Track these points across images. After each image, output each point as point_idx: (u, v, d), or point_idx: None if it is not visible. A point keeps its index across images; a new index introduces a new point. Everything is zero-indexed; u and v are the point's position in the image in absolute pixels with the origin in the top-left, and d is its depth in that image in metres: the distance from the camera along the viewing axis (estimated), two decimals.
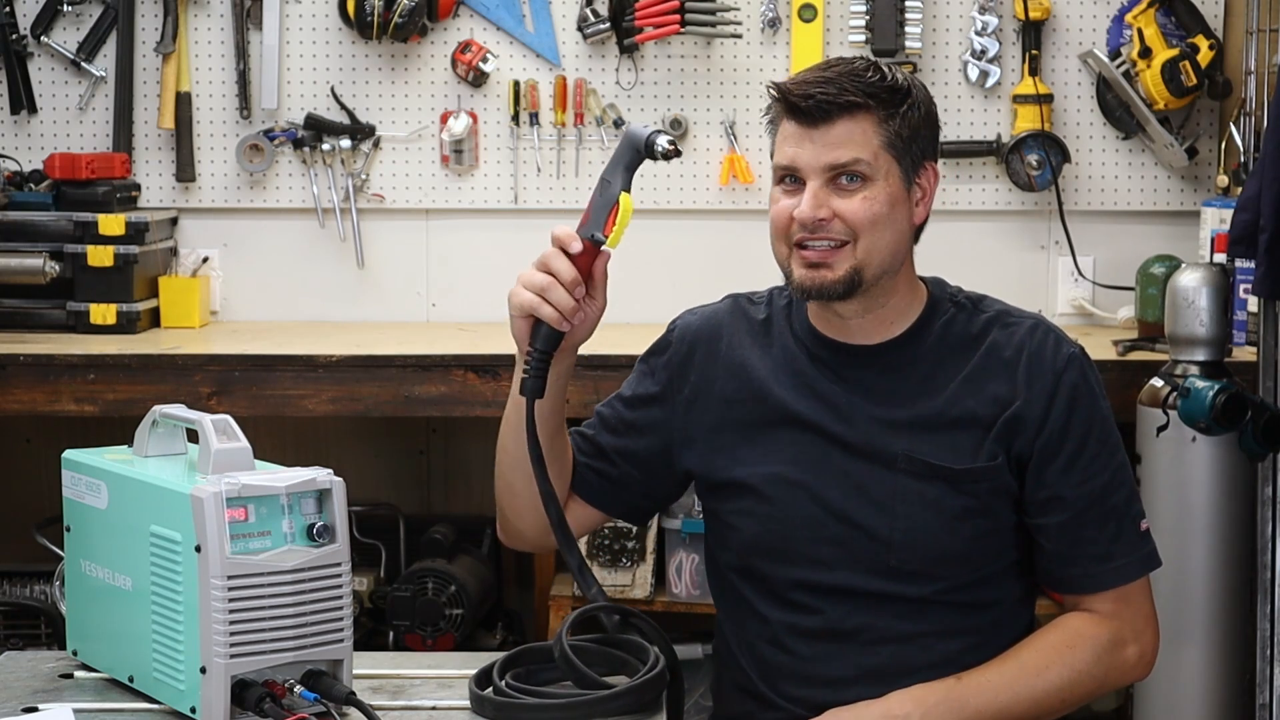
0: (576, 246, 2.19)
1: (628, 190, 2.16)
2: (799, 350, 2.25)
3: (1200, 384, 3.25)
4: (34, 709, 1.93)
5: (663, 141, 2.11)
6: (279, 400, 3.57)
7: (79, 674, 2.05)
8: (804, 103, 2.14)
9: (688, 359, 2.30)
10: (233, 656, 1.82)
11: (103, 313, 3.87)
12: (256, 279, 4.20)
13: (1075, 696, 2.18)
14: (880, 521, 2.15)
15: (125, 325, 3.87)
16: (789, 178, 2.18)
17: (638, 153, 2.13)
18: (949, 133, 4.11)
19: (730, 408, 2.26)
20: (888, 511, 2.15)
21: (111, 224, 3.88)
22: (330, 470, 1.91)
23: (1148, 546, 2.22)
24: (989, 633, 2.20)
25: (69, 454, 2.08)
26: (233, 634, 1.82)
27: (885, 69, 2.18)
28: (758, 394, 2.24)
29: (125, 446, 2.09)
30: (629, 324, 4.10)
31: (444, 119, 4.13)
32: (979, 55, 4.08)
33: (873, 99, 2.14)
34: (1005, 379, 2.19)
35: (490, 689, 1.95)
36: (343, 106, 4.14)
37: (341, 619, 1.89)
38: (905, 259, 2.23)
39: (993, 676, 2.14)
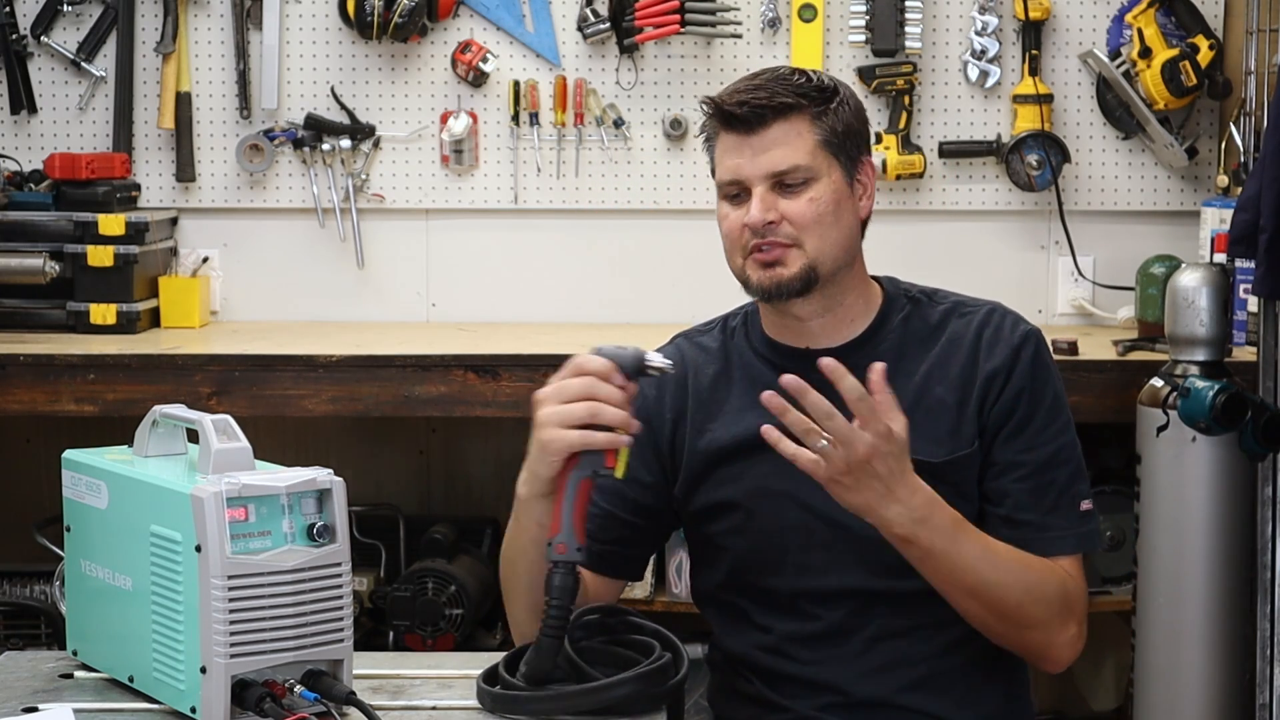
0: (620, 378, 2.01)
1: None
2: (763, 366, 2.28)
3: (1200, 384, 3.25)
4: (34, 709, 1.93)
5: (657, 359, 2.02)
6: (279, 400, 3.57)
7: (79, 674, 2.05)
8: (739, 109, 2.19)
9: (659, 399, 2.30)
10: (233, 656, 1.82)
11: (103, 313, 3.87)
12: (256, 279, 4.20)
13: (1029, 611, 2.15)
14: (868, 521, 2.15)
15: (125, 325, 3.87)
16: (734, 192, 2.22)
17: (625, 376, 2.01)
18: (949, 133, 4.11)
19: (705, 437, 2.27)
20: None
21: (111, 224, 3.88)
22: (330, 470, 1.91)
23: (1086, 526, 2.23)
24: None
25: (69, 454, 2.08)
26: (233, 634, 1.82)
27: (810, 73, 2.25)
28: (730, 420, 2.26)
29: (125, 446, 2.08)
30: (629, 324, 4.12)
31: (444, 119, 4.13)
32: (979, 55, 4.08)
33: (804, 98, 2.20)
34: (968, 360, 2.23)
35: (498, 684, 1.95)
36: (343, 106, 4.14)
37: (341, 619, 1.89)
38: (857, 255, 2.27)
39: (989, 542, 2.13)
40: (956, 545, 2.09)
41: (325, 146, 4.13)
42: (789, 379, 2.00)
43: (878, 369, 2.02)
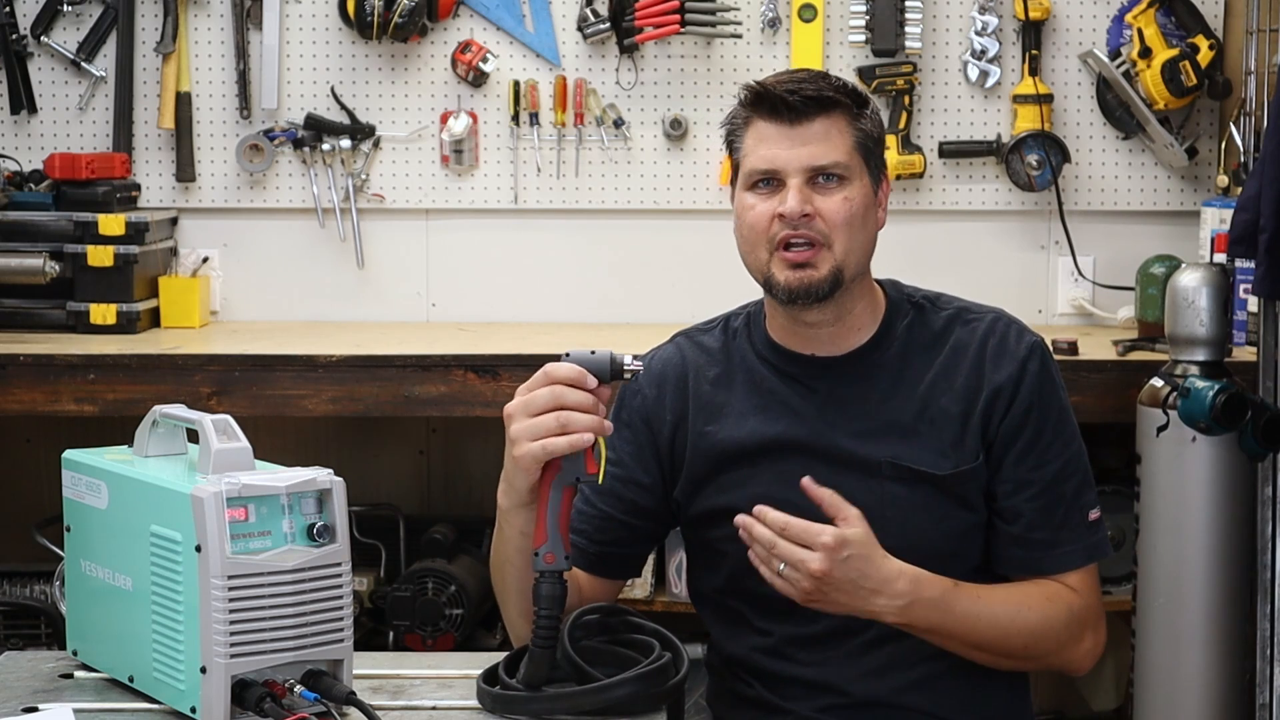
0: (592, 382, 1.97)
1: None
2: (766, 370, 2.27)
3: (1200, 384, 3.25)
4: (34, 709, 1.93)
5: (631, 360, 1.99)
6: (279, 400, 3.57)
7: (79, 674, 2.05)
8: (790, 97, 2.18)
9: (659, 399, 2.30)
10: (233, 656, 1.83)
11: (103, 313, 3.87)
12: (256, 279, 4.20)
13: (1036, 648, 2.18)
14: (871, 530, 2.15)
15: (125, 325, 3.87)
16: (765, 181, 2.20)
17: (600, 380, 1.98)
18: (949, 133, 4.11)
19: (706, 440, 2.26)
20: (878, 519, 2.15)
21: (111, 224, 3.88)
22: (330, 470, 1.91)
23: (1095, 536, 2.24)
24: None
25: (69, 454, 2.08)
26: (233, 634, 1.82)
27: (842, 79, 2.26)
28: (732, 424, 2.26)
29: (125, 446, 2.09)
30: (629, 324, 4.12)
31: (444, 119, 4.13)
32: (979, 55, 4.08)
33: (846, 97, 2.21)
34: (972, 371, 2.23)
35: (498, 685, 1.95)
36: (343, 106, 4.14)
37: (342, 619, 1.89)
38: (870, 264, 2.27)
39: (983, 594, 2.16)
40: (952, 615, 2.11)
41: (325, 146, 4.13)
42: (741, 520, 2.04)
43: (805, 484, 2.05)
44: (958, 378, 2.22)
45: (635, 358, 2.00)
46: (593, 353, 1.99)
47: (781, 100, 2.18)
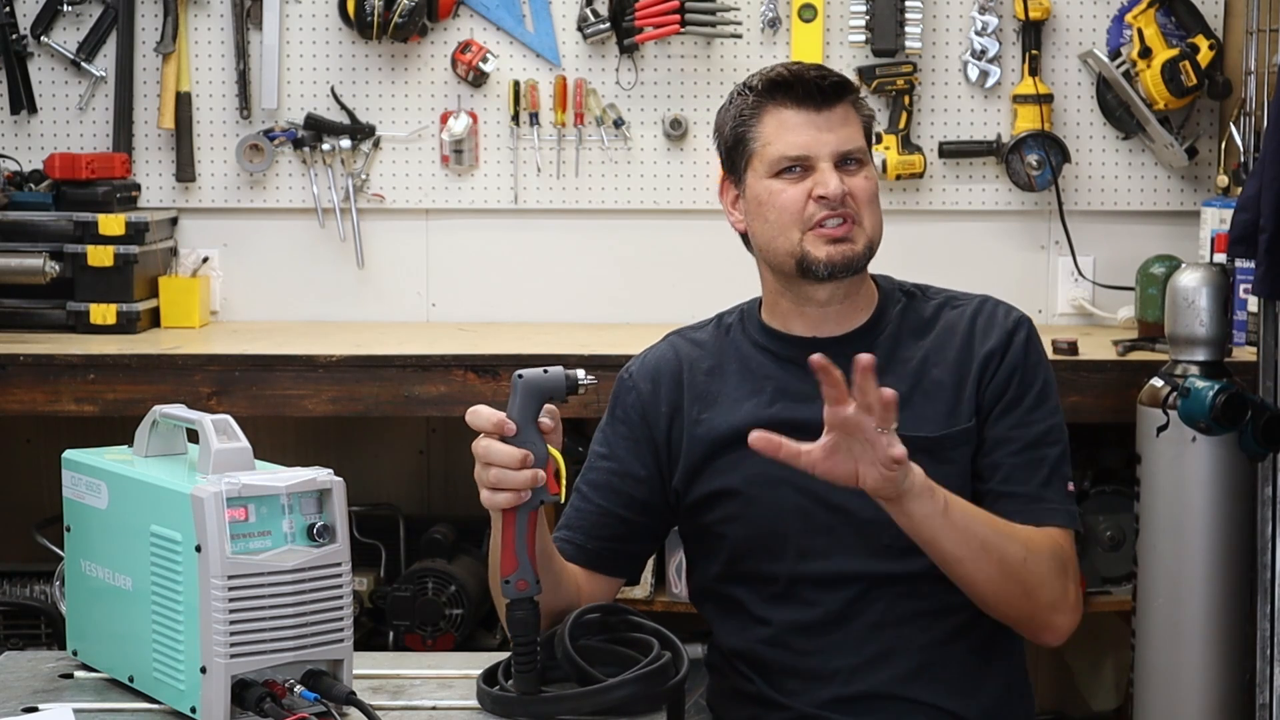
0: (510, 429, 1.94)
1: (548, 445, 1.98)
2: (762, 357, 2.30)
3: (1200, 384, 3.25)
4: (34, 709, 1.93)
5: (584, 376, 1.98)
6: (279, 400, 3.57)
7: (79, 674, 2.05)
8: (823, 82, 2.23)
9: (654, 393, 2.32)
10: (233, 656, 1.83)
11: (103, 313, 3.87)
12: (256, 279, 4.20)
13: (1020, 577, 2.14)
14: (868, 503, 2.13)
15: (125, 325, 3.87)
16: (792, 167, 2.23)
17: (551, 398, 1.97)
18: (949, 133, 4.11)
19: (701, 427, 2.28)
20: None
21: (111, 224, 3.88)
22: (330, 470, 1.91)
23: (1073, 506, 2.25)
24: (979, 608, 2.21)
25: (69, 454, 2.08)
26: (233, 634, 1.82)
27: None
28: (726, 410, 2.28)
29: (125, 446, 2.09)
30: (630, 324, 4.12)
31: (444, 119, 4.13)
32: (979, 55, 4.08)
33: (852, 84, 2.29)
34: (963, 346, 2.27)
35: (498, 685, 1.96)
36: (343, 106, 4.14)
37: (342, 619, 1.89)
38: None
39: (972, 510, 2.14)
40: (956, 503, 2.09)
41: (325, 146, 4.13)
42: (817, 359, 1.97)
43: (863, 359, 1.99)
44: (950, 352, 2.27)
45: (586, 372, 1.99)
46: (545, 371, 1.98)
47: (815, 86, 2.23)
